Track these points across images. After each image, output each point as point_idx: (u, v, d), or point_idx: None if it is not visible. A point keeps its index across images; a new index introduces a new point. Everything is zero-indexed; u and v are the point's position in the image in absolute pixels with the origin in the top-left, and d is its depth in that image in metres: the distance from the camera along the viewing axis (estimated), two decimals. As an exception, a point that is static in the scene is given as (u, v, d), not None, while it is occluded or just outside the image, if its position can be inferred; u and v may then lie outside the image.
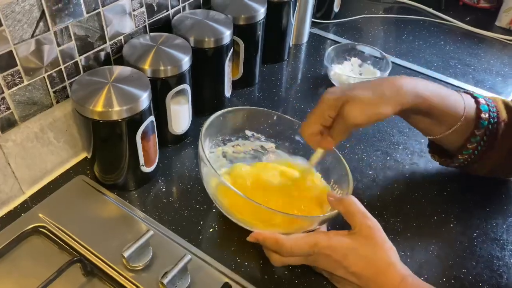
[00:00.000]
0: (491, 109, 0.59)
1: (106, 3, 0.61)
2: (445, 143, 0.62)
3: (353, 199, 0.52)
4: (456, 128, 0.58)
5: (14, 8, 0.50)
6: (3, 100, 0.54)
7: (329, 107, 0.52)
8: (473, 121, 0.58)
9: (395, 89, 0.53)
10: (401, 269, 0.49)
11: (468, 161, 0.62)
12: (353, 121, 0.51)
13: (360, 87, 0.53)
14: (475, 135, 0.58)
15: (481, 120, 0.58)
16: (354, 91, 0.52)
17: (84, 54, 0.61)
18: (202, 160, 0.55)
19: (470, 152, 0.60)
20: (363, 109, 0.51)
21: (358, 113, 0.51)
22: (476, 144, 0.59)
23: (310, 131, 0.54)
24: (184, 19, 0.72)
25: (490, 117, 0.59)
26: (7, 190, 0.59)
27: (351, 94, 0.52)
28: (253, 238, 0.51)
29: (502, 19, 1.10)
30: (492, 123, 0.58)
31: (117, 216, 0.59)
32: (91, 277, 0.53)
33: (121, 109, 0.54)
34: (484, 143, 0.59)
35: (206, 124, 0.59)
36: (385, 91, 0.53)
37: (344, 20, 1.09)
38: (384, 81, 0.55)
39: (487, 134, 0.58)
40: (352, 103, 0.51)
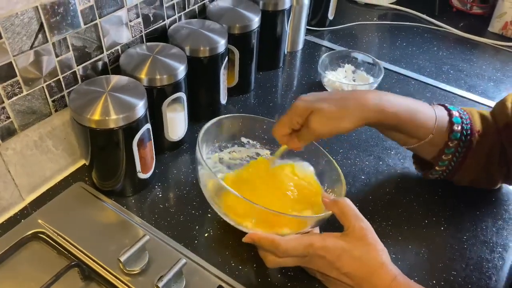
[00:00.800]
0: (464, 121, 0.61)
1: (103, 14, 0.62)
2: (422, 153, 0.64)
3: (347, 201, 0.54)
4: (428, 140, 0.60)
5: (14, 21, 0.52)
6: (3, 109, 0.55)
7: (297, 114, 0.56)
8: (446, 133, 0.60)
9: (360, 105, 0.56)
10: (392, 269, 0.50)
11: (446, 172, 0.63)
12: (316, 131, 0.55)
13: (327, 99, 0.56)
14: (449, 147, 0.60)
15: (453, 132, 0.60)
16: (320, 103, 0.55)
17: (82, 64, 0.63)
18: (199, 162, 0.56)
19: (447, 164, 0.62)
20: (325, 122, 0.55)
21: (320, 125, 0.55)
22: (451, 156, 0.61)
23: (280, 132, 0.58)
24: (180, 29, 0.73)
25: (463, 129, 0.60)
26: (7, 197, 0.60)
27: (317, 106, 0.55)
28: (249, 238, 0.53)
29: (495, 25, 1.12)
30: (465, 135, 0.60)
31: (115, 222, 0.61)
32: (88, 281, 0.55)
33: (117, 118, 0.55)
34: (459, 155, 0.61)
35: (203, 129, 0.60)
36: (350, 106, 0.56)
37: (339, 27, 1.11)
38: (351, 95, 0.58)
39: (461, 146, 0.60)
40: (316, 115, 0.55)
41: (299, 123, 0.56)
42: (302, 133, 0.57)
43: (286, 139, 0.59)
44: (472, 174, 0.63)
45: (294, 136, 0.58)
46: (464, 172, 0.63)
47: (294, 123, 0.56)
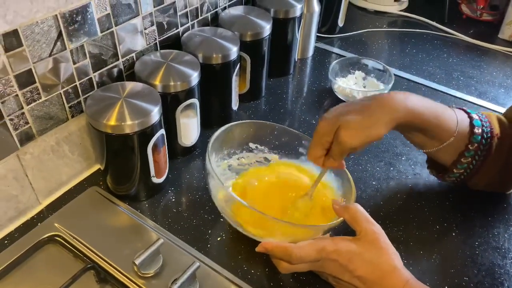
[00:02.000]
0: (484, 124, 0.61)
1: (119, 22, 0.64)
2: (440, 158, 0.64)
3: (358, 206, 0.54)
4: (450, 143, 0.60)
5: (34, 29, 0.53)
6: (22, 115, 0.57)
7: (324, 133, 0.55)
8: (467, 136, 0.60)
9: (386, 108, 0.55)
10: (405, 273, 0.51)
11: (464, 175, 0.63)
12: (348, 145, 0.53)
13: (351, 111, 0.55)
14: (469, 150, 0.60)
15: (474, 135, 0.60)
16: (345, 117, 0.54)
17: (98, 70, 0.64)
18: (209, 173, 0.57)
19: (465, 167, 0.62)
20: (356, 134, 0.53)
21: (352, 137, 0.53)
22: (471, 159, 0.61)
23: (314, 155, 0.57)
24: (193, 36, 0.75)
25: (483, 132, 0.60)
26: (24, 200, 0.61)
27: (343, 120, 0.54)
28: (262, 248, 0.53)
29: (505, 32, 1.12)
30: (486, 138, 0.60)
31: (129, 226, 0.62)
32: (104, 284, 0.56)
33: (133, 123, 0.57)
34: (479, 158, 0.60)
35: (212, 139, 0.60)
36: (376, 112, 0.54)
37: (349, 34, 1.12)
38: (374, 101, 0.56)
39: (481, 149, 0.60)
40: (345, 129, 0.53)
41: (328, 141, 0.55)
42: (333, 151, 0.55)
43: (322, 161, 0.57)
44: (488, 177, 0.63)
45: (328, 156, 0.57)
46: (481, 176, 0.62)
47: (324, 143, 0.55)
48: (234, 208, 0.57)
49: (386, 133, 0.54)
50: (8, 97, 0.54)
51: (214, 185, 0.57)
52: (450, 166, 0.63)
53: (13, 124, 0.56)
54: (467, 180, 0.64)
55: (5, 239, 0.60)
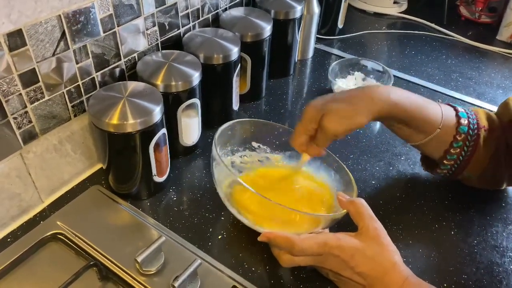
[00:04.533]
0: (470, 116, 0.62)
1: (121, 22, 0.65)
2: (428, 151, 0.65)
3: (363, 202, 0.55)
4: (436, 135, 0.61)
5: (38, 29, 0.54)
6: (25, 114, 0.57)
7: (310, 120, 0.57)
8: (453, 128, 0.61)
9: (369, 99, 0.57)
10: (404, 269, 0.51)
11: (455, 167, 0.64)
12: (331, 132, 0.56)
13: (336, 99, 0.57)
14: (457, 140, 0.61)
15: (461, 125, 0.61)
16: (330, 104, 0.56)
17: (100, 70, 0.65)
18: (215, 159, 0.58)
19: (455, 158, 0.62)
20: (338, 121, 0.55)
21: (335, 124, 0.55)
22: (459, 149, 0.62)
23: (298, 142, 0.59)
24: (194, 37, 0.75)
25: (469, 123, 0.61)
26: (27, 199, 0.62)
27: (328, 107, 0.56)
28: (264, 237, 0.53)
29: (503, 33, 1.13)
30: (473, 129, 0.61)
31: (131, 224, 0.62)
32: (106, 281, 0.56)
33: (135, 122, 0.57)
34: (467, 149, 0.61)
35: (220, 130, 0.61)
36: (359, 102, 0.57)
37: (348, 36, 1.13)
38: (359, 91, 0.59)
39: (469, 140, 0.61)
40: (328, 116, 0.55)
41: (313, 128, 0.57)
42: (318, 138, 0.58)
43: (305, 148, 0.59)
44: (480, 170, 0.63)
45: (312, 143, 0.59)
46: (472, 168, 0.63)
47: (309, 129, 0.57)
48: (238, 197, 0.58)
49: (367, 122, 0.57)
50: (12, 96, 0.55)
51: (220, 172, 0.57)
52: (440, 157, 0.64)
53: (16, 123, 0.57)
54: (458, 172, 0.65)
55: (8, 237, 0.60)
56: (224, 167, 0.55)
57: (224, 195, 0.59)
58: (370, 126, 0.84)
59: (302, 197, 0.62)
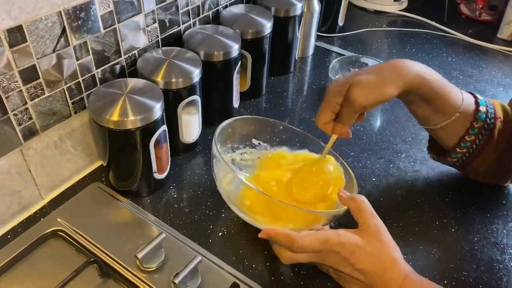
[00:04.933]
0: (488, 105, 0.61)
1: (121, 19, 0.65)
2: (442, 137, 0.63)
3: (364, 198, 0.55)
4: (455, 119, 0.60)
5: (38, 25, 0.54)
6: (26, 110, 0.57)
7: (335, 94, 0.55)
8: (472, 114, 0.60)
9: (397, 70, 0.55)
10: (405, 266, 0.51)
11: (466, 156, 0.62)
12: (359, 103, 0.53)
13: (362, 72, 0.56)
14: (473, 127, 0.60)
15: (479, 112, 0.60)
16: (357, 76, 0.55)
17: (100, 67, 0.65)
18: (215, 157, 0.57)
19: (468, 146, 0.61)
20: (367, 92, 0.53)
21: (363, 95, 0.53)
22: (474, 137, 0.60)
23: (323, 120, 0.57)
24: (195, 34, 0.75)
25: (487, 111, 0.60)
26: (27, 195, 0.62)
27: (355, 79, 0.54)
28: (265, 234, 0.53)
29: (504, 31, 1.13)
30: (490, 118, 0.60)
31: (131, 221, 0.62)
32: (106, 277, 0.56)
33: (135, 119, 0.57)
34: (482, 137, 0.60)
35: (220, 127, 0.61)
36: (387, 73, 0.55)
37: (348, 33, 1.13)
38: (385, 64, 0.57)
39: (485, 128, 0.60)
40: (356, 87, 0.53)
41: (339, 103, 0.55)
42: (344, 112, 0.55)
43: (330, 127, 0.57)
44: (488, 162, 0.63)
45: (337, 121, 0.57)
46: (483, 159, 0.62)
47: (334, 104, 0.55)
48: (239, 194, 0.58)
49: (396, 95, 0.55)
50: (12, 93, 0.55)
51: (221, 169, 0.57)
52: (453, 145, 0.62)
53: (17, 120, 0.57)
54: (469, 162, 0.64)
55: (8, 234, 0.60)
56: (224, 164, 0.55)
57: (224, 192, 0.59)
58: (370, 124, 0.84)
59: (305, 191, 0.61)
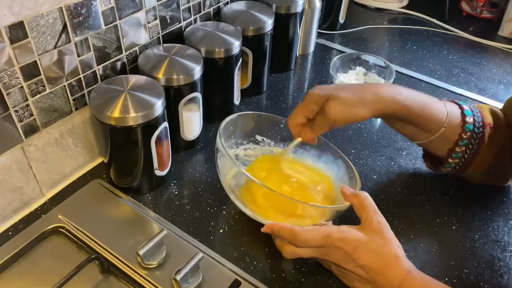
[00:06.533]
0: (475, 114, 0.62)
1: (122, 16, 0.64)
2: (433, 149, 0.65)
3: (367, 195, 0.55)
4: (441, 134, 0.61)
5: (39, 21, 0.54)
6: (27, 107, 0.57)
7: (313, 101, 0.56)
8: (459, 126, 0.61)
9: (376, 95, 0.57)
10: (407, 263, 0.51)
11: (459, 165, 0.63)
12: (332, 117, 0.55)
13: (344, 88, 0.57)
14: (462, 139, 0.61)
15: (466, 124, 0.61)
16: (337, 91, 0.56)
17: (102, 63, 0.65)
18: (220, 151, 0.57)
19: (460, 156, 0.62)
20: (341, 109, 0.55)
21: (337, 111, 0.55)
22: (465, 148, 0.61)
23: (295, 121, 0.58)
24: (196, 30, 0.75)
25: (475, 121, 0.61)
26: (28, 192, 0.62)
27: (334, 93, 0.55)
28: (268, 228, 0.53)
29: (505, 29, 1.13)
30: (478, 127, 0.61)
31: (132, 217, 0.62)
32: (108, 274, 0.56)
33: (136, 115, 0.57)
34: (472, 147, 0.61)
35: (224, 121, 0.62)
36: (366, 95, 0.56)
37: (350, 30, 1.13)
38: (367, 86, 0.59)
39: (474, 137, 0.61)
40: (333, 101, 0.55)
41: (314, 110, 0.57)
42: (317, 121, 0.57)
43: (299, 130, 0.59)
44: (484, 167, 0.63)
45: (307, 127, 0.58)
46: (477, 166, 0.63)
47: (310, 110, 0.57)
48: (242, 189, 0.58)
49: (367, 117, 0.57)
50: (13, 89, 0.54)
51: (225, 163, 0.57)
52: (445, 156, 0.64)
53: (17, 116, 0.57)
54: (462, 170, 0.65)
55: (9, 230, 0.60)
56: (229, 158, 0.55)
57: (228, 187, 0.59)
58: (371, 121, 0.84)
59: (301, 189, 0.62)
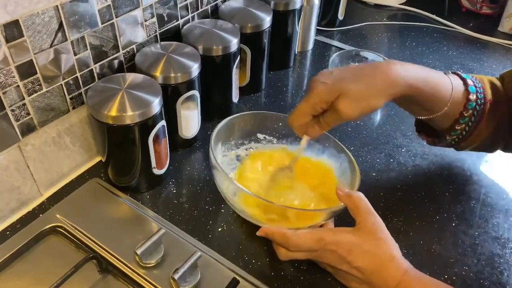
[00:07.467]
0: (478, 90, 0.59)
1: (119, 14, 0.64)
2: (434, 124, 0.63)
3: (361, 195, 0.54)
4: (444, 111, 0.58)
5: (35, 20, 0.53)
6: (23, 106, 0.57)
7: (321, 100, 0.52)
8: (462, 103, 0.59)
9: (387, 80, 0.52)
10: (403, 263, 0.51)
11: (455, 141, 0.62)
12: (347, 116, 0.51)
13: (351, 78, 0.52)
14: (463, 117, 0.59)
15: (469, 102, 0.58)
16: (346, 84, 0.51)
17: (98, 62, 0.64)
18: (213, 166, 0.57)
19: (459, 133, 0.61)
20: (356, 104, 0.51)
21: (352, 108, 0.51)
22: (465, 125, 0.60)
23: (301, 122, 0.54)
24: (193, 28, 0.75)
25: (477, 98, 0.59)
26: (26, 191, 0.62)
27: (344, 88, 0.51)
28: (263, 232, 0.53)
29: (505, 25, 1.12)
30: (480, 104, 0.59)
31: (130, 216, 0.62)
32: (106, 273, 0.56)
33: (134, 114, 0.57)
34: (472, 124, 0.59)
35: (214, 131, 0.61)
36: (378, 83, 0.52)
37: (349, 27, 1.12)
38: (375, 70, 0.53)
39: (475, 115, 0.59)
40: (345, 98, 0.51)
41: (323, 108, 0.52)
42: (327, 119, 0.53)
43: (305, 128, 0.55)
44: (480, 141, 0.62)
45: (314, 123, 0.54)
46: (472, 140, 0.62)
47: (318, 109, 0.52)
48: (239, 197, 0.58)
49: (383, 105, 0.53)
50: (10, 88, 0.54)
51: (219, 176, 0.57)
52: (444, 132, 0.62)
53: (14, 115, 0.56)
54: (457, 144, 0.63)
55: (7, 230, 0.60)
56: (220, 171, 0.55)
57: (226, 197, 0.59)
58: (370, 118, 0.83)
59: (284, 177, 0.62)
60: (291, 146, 0.68)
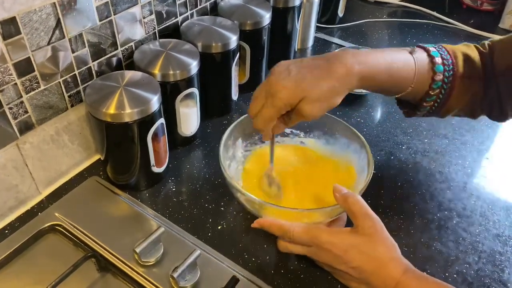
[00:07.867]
0: (446, 68, 0.58)
1: (117, 11, 0.64)
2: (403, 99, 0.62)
3: (357, 198, 0.53)
4: (408, 92, 0.58)
5: (32, 17, 0.53)
6: (21, 104, 0.56)
7: (286, 105, 0.52)
8: (427, 83, 0.58)
9: (345, 75, 0.53)
10: (403, 262, 0.50)
11: (432, 109, 0.61)
12: (310, 116, 0.53)
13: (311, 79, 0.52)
14: (430, 95, 0.59)
15: (434, 82, 0.58)
16: (308, 86, 0.52)
17: (97, 60, 0.64)
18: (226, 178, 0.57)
19: (428, 109, 0.61)
20: (319, 105, 0.52)
21: (316, 109, 0.52)
22: (433, 102, 0.60)
23: (268, 125, 0.55)
24: (192, 25, 0.74)
25: (444, 77, 0.58)
26: (24, 190, 0.61)
27: (307, 91, 0.51)
28: (258, 224, 0.54)
29: (505, 21, 1.12)
30: (447, 82, 0.58)
31: (129, 215, 0.62)
32: (104, 272, 0.56)
33: (132, 112, 0.56)
34: (441, 100, 0.59)
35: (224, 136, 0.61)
36: (335, 82, 0.52)
37: (349, 24, 1.12)
38: (334, 64, 0.53)
39: (442, 92, 0.59)
40: (308, 101, 0.52)
41: (287, 110, 0.53)
42: (293, 119, 0.55)
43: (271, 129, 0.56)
44: (457, 109, 0.62)
45: (278, 122, 0.55)
46: (450, 107, 0.61)
47: (282, 112, 0.53)
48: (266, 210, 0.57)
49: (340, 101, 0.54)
50: (7, 86, 0.54)
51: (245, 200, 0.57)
52: (416, 105, 0.62)
53: (12, 113, 0.56)
54: (436, 112, 0.62)
55: (5, 229, 0.59)
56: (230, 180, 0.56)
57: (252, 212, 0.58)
58: (371, 116, 0.83)
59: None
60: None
